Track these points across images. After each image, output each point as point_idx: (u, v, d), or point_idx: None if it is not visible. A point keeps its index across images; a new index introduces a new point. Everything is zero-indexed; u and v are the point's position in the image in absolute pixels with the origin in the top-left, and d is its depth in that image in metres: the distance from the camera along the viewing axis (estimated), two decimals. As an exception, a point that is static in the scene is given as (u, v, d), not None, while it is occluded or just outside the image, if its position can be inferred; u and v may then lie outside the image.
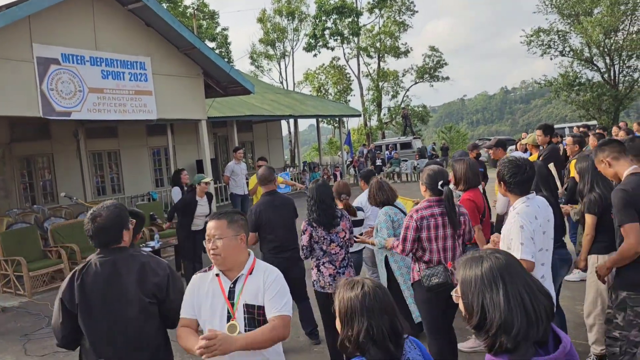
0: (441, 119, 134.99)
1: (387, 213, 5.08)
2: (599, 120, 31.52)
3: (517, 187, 3.38)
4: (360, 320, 1.82)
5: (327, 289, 4.67)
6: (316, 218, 4.66)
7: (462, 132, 49.83)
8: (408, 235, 4.03)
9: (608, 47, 34.18)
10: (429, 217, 4.01)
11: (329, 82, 42.18)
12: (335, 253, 4.70)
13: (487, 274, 1.65)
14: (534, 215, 3.30)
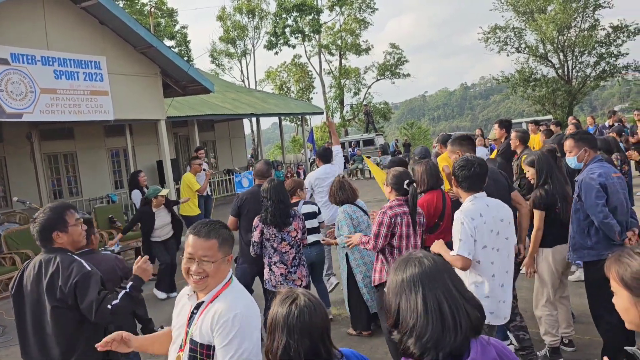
0: (403, 115, 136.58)
1: (346, 211, 5.19)
2: (554, 115, 32.44)
3: (465, 181, 3.43)
4: (280, 336, 1.81)
5: (279, 288, 4.72)
6: (270, 218, 4.70)
7: (423, 128, 50.47)
8: (381, 232, 4.05)
9: (561, 44, 35.21)
10: (402, 214, 4.06)
11: (290, 80, 42.14)
12: (286, 252, 4.75)
13: (408, 277, 1.66)
14: (479, 212, 3.34)
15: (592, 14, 34.76)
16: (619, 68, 35.09)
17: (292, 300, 1.85)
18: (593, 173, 4.06)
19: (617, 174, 4.16)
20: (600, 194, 3.98)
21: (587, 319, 5.08)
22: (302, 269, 4.87)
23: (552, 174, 4.48)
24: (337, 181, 5.40)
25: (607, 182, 4.01)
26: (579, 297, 5.69)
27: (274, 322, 1.85)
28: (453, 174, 3.51)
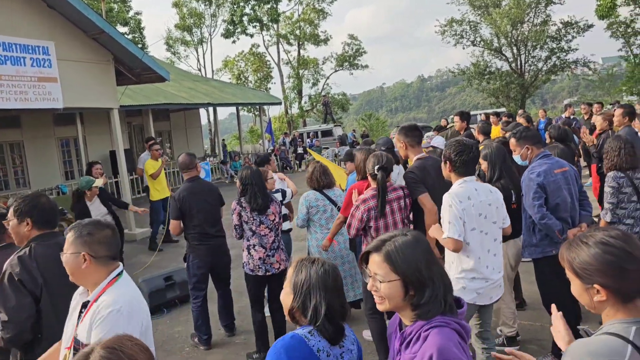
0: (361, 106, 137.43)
1: (307, 198, 5.26)
2: (508, 107, 33.28)
3: (462, 166, 3.44)
4: (319, 294, 1.94)
5: (257, 271, 4.73)
6: (249, 200, 4.67)
7: (381, 119, 50.90)
8: (353, 224, 4.10)
9: (515, 38, 36.09)
10: (375, 207, 4.04)
11: (248, 69, 41.62)
12: (265, 235, 4.74)
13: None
14: (467, 195, 3.38)
15: (544, 9, 35.76)
16: (569, 63, 36.26)
17: (321, 263, 2.01)
18: (533, 172, 4.12)
19: (562, 169, 4.17)
20: (538, 194, 4.05)
21: (539, 305, 5.22)
22: (281, 252, 4.86)
23: (506, 167, 4.52)
24: (320, 166, 5.40)
25: (545, 182, 4.05)
26: (532, 284, 5.84)
27: (307, 282, 1.96)
28: (449, 159, 3.50)
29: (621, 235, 1.63)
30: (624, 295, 1.60)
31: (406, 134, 4.50)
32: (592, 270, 1.64)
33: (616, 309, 1.63)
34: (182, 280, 6.69)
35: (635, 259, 1.58)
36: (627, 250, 1.59)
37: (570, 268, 1.70)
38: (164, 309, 6.50)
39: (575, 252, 1.68)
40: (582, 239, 1.69)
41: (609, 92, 36.73)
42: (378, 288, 1.84)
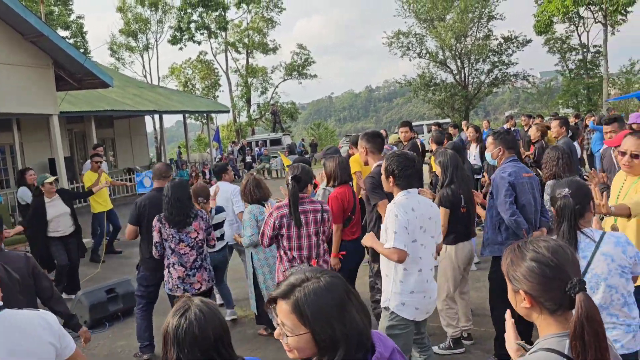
0: (310, 115, 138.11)
1: (252, 212, 5.09)
2: (452, 118, 34.21)
3: (405, 179, 3.44)
4: (172, 349, 1.80)
5: (175, 291, 4.59)
6: (167, 216, 4.53)
7: (330, 128, 51.29)
8: (266, 232, 4.10)
9: (459, 51, 37.27)
10: (288, 215, 4.05)
11: (196, 77, 41.05)
12: (185, 254, 4.59)
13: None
14: (411, 207, 3.38)
15: (486, 24, 37.14)
16: (510, 76, 37.76)
17: (182, 312, 1.83)
18: (504, 172, 4.26)
19: (528, 174, 4.36)
20: (509, 192, 4.19)
21: (483, 311, 5.35)
22: (204, 272, 4.69)
23: (458, 173, 4.64)
24: (253, 179, 5.28)
25: (516, 182, 4.21)
26: (475, 291, 5.98)
27: (166, 334, 1.84)
28: (391, 172, 3.47)
29: (554, 247, 1.65)
30: (548, 306, 1.62)
31: (368, 140, 4.56)
32: (518, 276, 1.67)
33: (548, 322, 1.64)
34: (126, 292, 6.47)
35: (560, 271, 1.59)
36: (553, 262, 1.60)
37: (504, 270, 1.73)
38: (106, 323, 6.25)
39: (509, 256, 1.72)
40: (520, 245, 1.72)
41: (546, 104, 38.47)
42: (285, 339, 1.58)
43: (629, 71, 36.08)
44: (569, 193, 2.67)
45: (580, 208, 2.65)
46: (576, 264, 1.65)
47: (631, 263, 2.62)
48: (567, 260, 1.62)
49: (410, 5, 37.69)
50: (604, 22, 31.25)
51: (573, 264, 1.63)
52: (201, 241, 4.66)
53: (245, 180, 5.29)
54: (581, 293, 1.53)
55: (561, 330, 1.60)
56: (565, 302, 1.58)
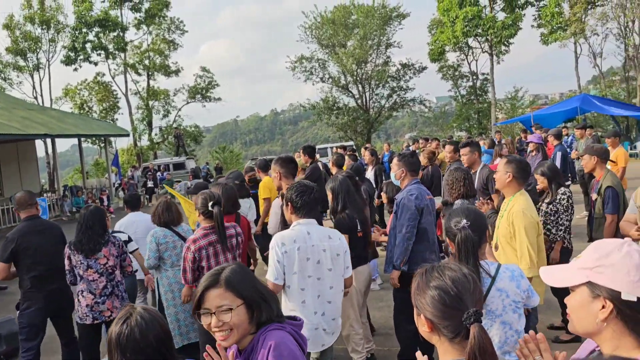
0: (215, 139, 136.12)
1: (154, 235, 4.95)
2: (355, 141, 35.21)
3: (303, 207, 3.42)
4: (116, 355, 1.86)
5: (85, 319, 4.40)
6: (76, 243, 4.39)
7: (235, 152, 50.82)
8: (187, 267, 4.01)
9: (360, 76, 38.62)
10: (207, 246, 3.98)
11: (93, 99, 39.06)
12: (94, 280, 4.42)
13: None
14: (293, 239, 3.35)
15: (384, 51, 38.85)
16: (408, 101, 39.63)
17: (124, 320, 1.90)
18: (412, 195, 4.35)
19: (429, 197, 4.50)
20: (414, 215, 4.27)
21: (386, 330, 5.45)
22: (115, 299, 4.49)
23: (350, 198, 4.66)
24: (164, 202, 5.11)
25: (422, 205, 4.32)
26: (378, 310, 6.09)
27: (110, 341, 1.89)
28: (290, 200, 3.45)
29: (458, 276, 1.67)
30: (446, 333, 1.65)
31: (282, 165, 4.55)
32: (421, 301, 1.69)
33: (446, 348, 1.67)
34: (9, 332, 5.91)
35: (459, 301, 1.63)
36: (453, 292, 1.64)
37: (412, 293, 1.75)
38: (-16, 369, 5.65)
39: (417, 281, 1.73)
40: (428, 270, 1.74)
41: (442, 128, 40.64)
42: (225, 320, 1.88)
43: (514, 97, 39.19)
44: (467, 225, 2.52)
45: (478, 240, 2.55)
46: (477, 294, 1.68)
47: (524, 297, 2.62)
48: (468, 290, 1.65)
49: (313, 31, 38.61)
50: (490, 52, 33.89)
51: (473, 295, 1.66)
52: (112, 267, 4.49)
53: (157, 203, 5.18)
54: (476, 324, 1.57)
55: (458, 357, 1.63)
56: (462, 331, 1.61)
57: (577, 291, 1.53)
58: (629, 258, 1.44)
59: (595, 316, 1.47)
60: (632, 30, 27.95)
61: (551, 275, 1.62)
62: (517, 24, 32.23)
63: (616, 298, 1.43)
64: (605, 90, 31.25)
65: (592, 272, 1.49)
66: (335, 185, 4.66)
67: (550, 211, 4.97)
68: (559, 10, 30.65)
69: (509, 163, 3.91)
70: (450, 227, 2.61)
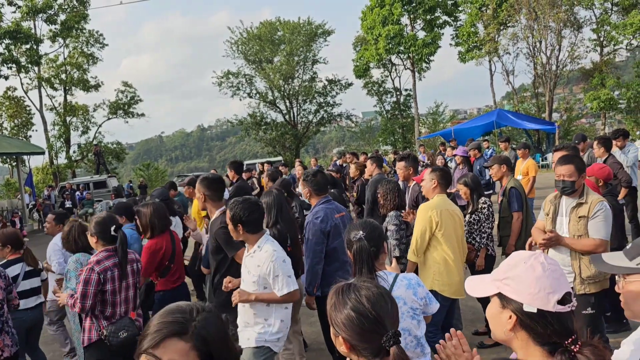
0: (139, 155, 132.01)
1: (78, 260, 4.51)
2: (284, 156, 35.23)
3: (254, 224, 3.44)
4: None
5: None
6: None
7: (161, 169, 49.40)
8: (89, 291, 3.63)
9: (287, 92, 38.85)
10: (112, 267, 3.74)
11: (3, 114, 36.69)
12: None
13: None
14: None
15: (311, 67, 39.37)
16: (335, 116, 40.26)
17: None
18: (317, 218, 4.29)
19: (340, 214, 4.45)
20: (320, 239, 4.22)
21: (318, 345, 5.38)
22: (5, 336, 4.08)
23: (282, 214, 4.60)
24: (78, 225, 4.68)
25: (328, 228, 4.26)
26: (310, 325, 6.01)
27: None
28: (239, 219, 3.39)
29: (375, 297, 1.67)
30: (366, 354, 1.64)
31: (207, 187, 4.19)
32: (338, 322, 1.67)
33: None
34: None
35: (378, 324, 1.62)
36: (372, 315, 1.63)
37: (327, 311, 1.73)
38: None
39: (333, 299, 1.71)
40: (344, 289, 1.72)
41: (369, 142, 41.55)
42: None
43: (435, 112, 40.79)
44: (363, 236, 2.67)
45: (375, 250, 2.69)
46: (395, 314, 1.69)
47: (422, 304, 2.74)
48: (387, 312, 1.65)
49: (239, 47, 38.46)
50: (412, 69, 35.16)
51: (391, 315, 1.67)
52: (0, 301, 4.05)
53: (68, 227, 4.69)
54: (395, 346, 1.58)
55: None
56: (382, 352, 1.61)
57: (492, 301, 1.60)
58: (531, 271, 1.51)
59: (504, 326, 1.53)
60: (539, 50, 29.88)
61: (471, 286, 1.70)
62: (436, 42, 33.70)
63: (519, 309, 1.50)
64: (517, 105, 33.16)
65: (501, 283, 1.56)
66: (269, 200, 4.59)
67: (473, 220, 5.16)
68: (474, 30, 32.33)
69: (434, 172, 4.34)
70: (348, 239, 2.74)
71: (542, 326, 1.47)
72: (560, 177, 3.75)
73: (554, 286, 1.48)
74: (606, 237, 3.67)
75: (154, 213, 4.54)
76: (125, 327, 3.72)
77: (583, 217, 3.69)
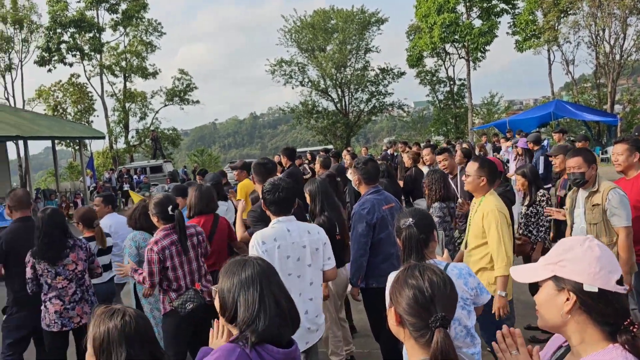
0: (193, 142, 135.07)
1: (134, 239, 4.81)
2: (335, 145, 35.27)
3: (271, 205, 3.43)
4: (119, 350, 1.75)
5: (53, 327, 4.26)
6: (37, 251, 4.18)
7: (214, 155, 50.52)
8: (153, 270, 3.91)
9: (339, 80, 38.77)
10: (169, 245, 3.96)
11: (67, 100, 38.39)
12: (63, 287, 4.29)
13: (247, 276, 1.86)
14: (273, 237, 3.31)
15: (363, 56, 39.11)
16: (386, 105, 39.91)
17: (122, 314, 1.82)
18: (364, 209, 4.18)
19: (389, 205, 4.31)
20: (365, 231, 4.13)
21: (366, 332, 5.41)
22: (85, 304, 4.37)
23: (329, 201, 4.55)
24: (143, 206, 4.96)
25: (374, 220, 4.15)
26: (358, 313, 6.05)
27: (106, 338, 1.77)
28: (262, 197, 3.49)
29: (435, 279, 1.68)
30: (412, 331, 1.65)
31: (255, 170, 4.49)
32: (396, 294, 1.71)
33: (413, 348, 1.67)
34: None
35: (429, 303, 1.63)
36: (427, 292, 1.64)
37: (389, 285, 1.80)
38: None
39: (399, 274, 1.75)
40: (412, 267, 1.75)
41: (420, 132, 40.97)
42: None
43: (490, 102, 39.73)
44: (412, 223, 2.65)
45: (424, 238, 2.67)
46: (451, 301, 1.70)
47: (472, 295, 2.70)
48: (443, 295, 1.66)
49: (292, 35, 38.65)
50: (466, 58, 34.34)
51: (446, 299, 1.67)
52: (81, 272, 4.37)
53: (135, 206, 5.03)
54: (440, 329, 1.58)
55: (424, 357, 1.63)
56: (427, 332, 1.62)
57: (544, 286, 1.59)
58: (590, 251, 1.51)
59: (560, 309, 1.53)
60: (602, 39, 28.53)
61: (519, 273, 1.68)
62: (493, 31, 32.71)
63: (579, 290, 1.49)
64: (577, 96, 31.83)
65: (556, 266, 1.55)
66: (313, 187, 4.56)
67: (530, 213, 5.03)
68: (532, 18, 31.20)
69: (481, 167, 3.92)
70: (398, 226, 2.75)
71: (604, 305, 1.47)
72: (570, 169, 3.84)
73: (613, 266, 1.50)
74: (627, 222, 3.72)
75: (196, 194, 4.76)
76: (191, 299, 3.95)
77: (597, 205, 3.77)
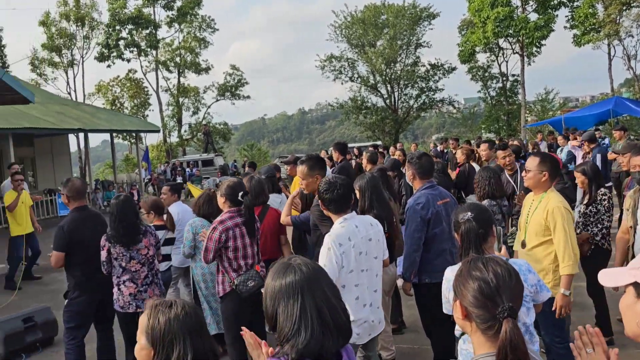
0: (243, 136, 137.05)
1: (192, 224, 5.17)
2: (383, 141, 35.06)
3: (331, 204, 3.38)
4: (183, 343, 1.73)
5: (127, 308, 4.50)
6: (114, 235, 4.42)
7: (263, 149, 51.24)
8: (210, 246, 4.11)
9: (389, 76, 38.46)
10: (234, 227, 4.13)
11: (124, 95, 39.79)
12: (136, 270, 4.52)
13: (287, 284, 1.70)
14: (347, 237, 3.28)
15: (414, 51, 38.65)
16: (436, 101, 39.32)
17: (181, 305, 1.81)
18: (418, 203, 4.14)
19: (443, 200, 4.26)
20: (419, 227, 4.08)
21: (416, 328, 5.43)
22: (155, 287, 4.63)
23: (378, 197, 4.40)
24: (207, 194, 5.34)
25: (429, 215, 4.10)
26: (408, 308, 6.05)
27: (167, 328, 1.75)
28: (320, 198, 3.45)
29: (500, 270, 1.67)
30: (479, 323, 1.64)
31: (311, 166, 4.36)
32: (460, 287, 1.70)
33: (480, 340, 1.67)
34: (45, 320, 6.03)
35: (495, 294, 1.62)
36: (492, 283, 1.63)
37: (454, 278, 1.76)
38: (23, 355, 5.80)
39: (462, 267, 1.75)
40: (475, 259, 1.75)
41: (471, 129, 40.17)
42: None
43: (545, 99, 38.51)
44: (471, 217, 2.64)
45: (483, 232, 2.64)
46: (517, 292, 1.68)
47: (532, 292, 2.66)
48: (508, 286, 1.64)
49: (342, 30, 38.61)
50: (521, 53, 33.33)
51: (513, 290, 1.65)
52: (152, 257, 4.62)
53: (201, 193, 5.42)
54: (509, 319, 1.55)
55: (492, 350, 1.61)
56: (495, 323, 1.60)
57: (626, 292, 1.50)
58: None
59: (637, 316, 1.43)
60: (669, 32, 27.18)
61: (605, 276, 1.60)
62: (549, 25, 31.59)
63: None
64: (638, 93, 30.43)
65: (638, 271, 1.45)
66: (362, 183, 4.41)
67: (590, 212, 4.87)
68: (592, 11, 29.93)
69: (543, 162, 3.83)
70: (456, 220, 2.74)
71: None
72: (635, 168, 3.56)
73: None
74: None
75: (249, 186, 4.84)
76: (252, 278, 4.15)
77: None
